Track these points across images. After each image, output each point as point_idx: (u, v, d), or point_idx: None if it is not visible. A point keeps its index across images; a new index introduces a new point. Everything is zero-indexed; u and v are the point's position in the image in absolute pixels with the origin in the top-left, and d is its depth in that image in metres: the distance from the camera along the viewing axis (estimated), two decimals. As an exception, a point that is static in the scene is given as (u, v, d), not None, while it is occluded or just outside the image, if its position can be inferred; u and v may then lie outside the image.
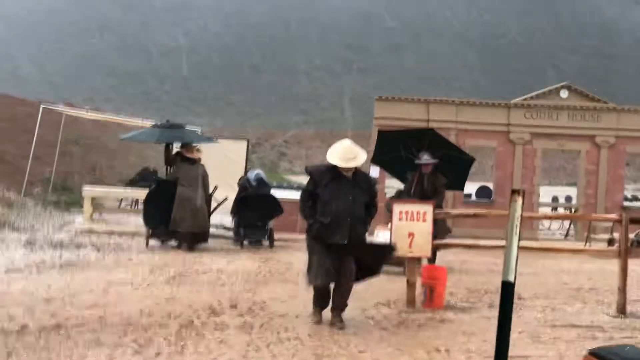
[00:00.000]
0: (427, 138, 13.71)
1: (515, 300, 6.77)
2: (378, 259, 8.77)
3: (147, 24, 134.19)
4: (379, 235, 12.48)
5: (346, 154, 8.23)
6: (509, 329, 4.06)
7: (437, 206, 12.07)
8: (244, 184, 17.06)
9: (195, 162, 15.61)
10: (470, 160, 14.36)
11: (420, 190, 13.10)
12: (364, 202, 8.46)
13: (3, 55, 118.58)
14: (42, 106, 23.07)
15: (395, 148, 14.05)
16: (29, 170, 21.42)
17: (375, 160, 15.12)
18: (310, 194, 8.47)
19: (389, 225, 10.51)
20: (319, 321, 8.46)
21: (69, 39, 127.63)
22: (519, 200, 3.94)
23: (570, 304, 10.49)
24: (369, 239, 9.34)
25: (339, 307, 8.45)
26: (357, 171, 8.42)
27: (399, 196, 13.89)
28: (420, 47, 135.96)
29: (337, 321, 8.33)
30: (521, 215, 3.95)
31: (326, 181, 8.29)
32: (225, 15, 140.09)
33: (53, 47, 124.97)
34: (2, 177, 22.77)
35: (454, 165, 13.77)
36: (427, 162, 13.14)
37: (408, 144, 13.75)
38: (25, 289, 9.84)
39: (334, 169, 8.31)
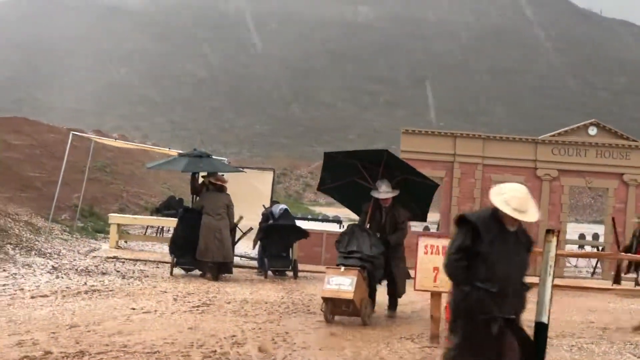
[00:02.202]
0: (382, 161, 11.74)
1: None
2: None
3: (176, 54, 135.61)
4: (331, 282, 10.43)
5: (523, 203, 5.89)
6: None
7: (397, 244, 11.61)
8: (267, 214, 17.06)
9: (220, 190, 15.65)
10: (434, 187, 12.45)
11: (377, 226, 11.51)
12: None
13: (34, 82, 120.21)
14: (71, 133, 23.32)
15: (346, 173, 12.35)
16: (57, 196, 21.59)
17: (321, 187, 13.08)
18: (465, 251, 5.97)
19: (342, 269, 10.51)
20: None
21: (99, 67, 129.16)
22: (554, 240, 3.89)
23: (597, 343, 10.35)
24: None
25: None
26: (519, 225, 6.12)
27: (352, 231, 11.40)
28: (447, 81, 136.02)
29: None
30: (556, 255, 3.89)
31: (492, 236, 5.94)
32: (254, 46, 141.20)
33: (83, 75, 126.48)
34: (31, 202, 22.97)
35: (415, 193, 12.10)
36: (384, 196, 11.45)
37: (360, 169, 12.02)
38: (50, 315, 9.87)
39: (499, 220, 5.99)
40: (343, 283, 10.20)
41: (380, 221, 11.48)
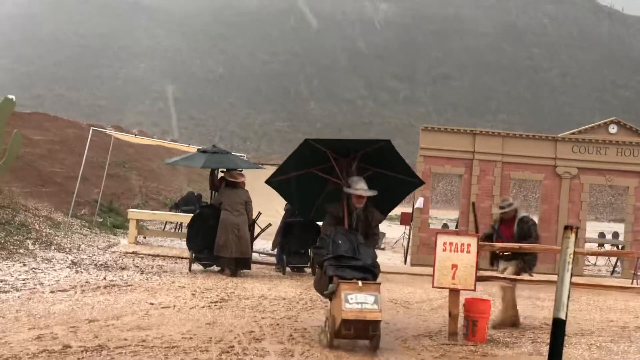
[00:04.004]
0: (359, 153, 9.82)
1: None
2: None
3: (196, 50, 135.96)
4: (351, 300, 8.55)
5: None
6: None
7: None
8: (291, 208, 16.98)
9: (238, 186, 15.67)
10: (416, 185, 10.87)
11: (348, 229, 9.51)
12: None
13: (54, 78, 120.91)
14: (91, 129, 23.44)
15: (307, 163, 10.24)
16: (76, 191, 21.70)
17: (271, 179, 10.71)
18: None
19: (360, 284, 8.55)
20: None
21: (118, 63, 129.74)
22: (572, 236, 3.87)
23: (616, 342, 10.29)
24: None
25: None
26: None
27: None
28: (467, 78, 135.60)
29: None
30: (575, 253, 3.87)
31: None
32: (272, 42, 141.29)
33: (103, 71, 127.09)
34: (51, 197, 23.10)
35: (386, 189, 10.15)
36: (364, 193, 9.49)
37: (331, 160, 9.87)
38: (69, 310, 9.94)
39: None
40: (366, 301, 8.54)
41: (352, 224, 9.57)
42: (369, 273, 8.99)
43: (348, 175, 9.72)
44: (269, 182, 10.73)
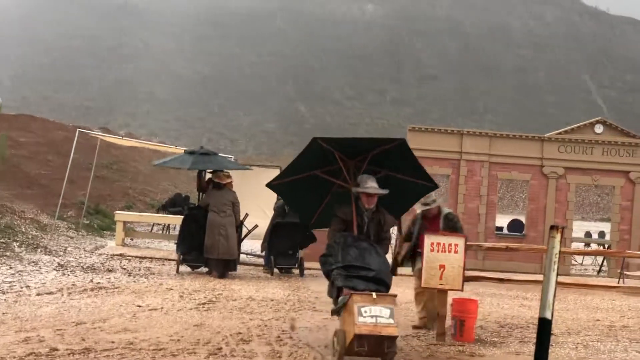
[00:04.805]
0: (370, 153, 8.96)
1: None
2: None
3: (183, 51, 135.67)
4: (364, 313, 7.77)
5: None
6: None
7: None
8: (281, 206, 16.93)
9: (225, 187, 15.62)
10: (430, 189, 9.87)
11: (358, 234, 8.69)
12: None
13: (40, 80, 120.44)
14: (78, 130, 23.37)
15: (312, 165, 9.34)
16: (63, 193, 21.65)
17: (272, 182, 9.88)
18: None
19: (374, 296, 7.84)
20: None
21: (105, 64, 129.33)
22: (558, 236, 3.88)
23: (603, 341, 10.34)
24: None
25: None
26: None
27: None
28: (454, 78, 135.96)
29: None
30: (560, 252, 3.90)
31: None
32: (260, 44, 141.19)
33: (90, 72, 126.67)
34: (37, 199, 23.03)
35: (398, 192, 9.32)
36: (374, 191, 8.65)
37: (339, 161, 8.98)
38: (56, 312, 9.90)
39: None
40: (381, 314, 7.73)
41: (362, 228, 8.74)
42: (382, 284, 8.28)
43: (356, 177, 8.86)
44: (269, 185, 9.88)
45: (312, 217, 10.02)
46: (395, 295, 8.09)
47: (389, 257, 9.68)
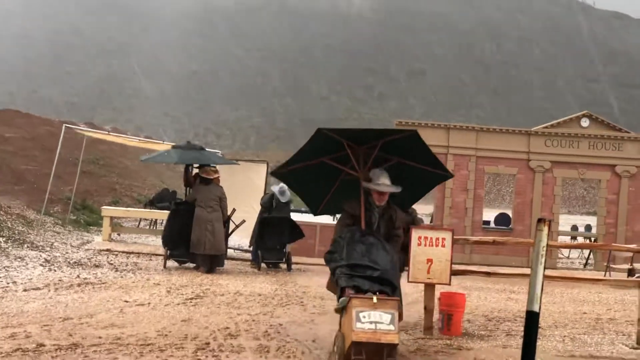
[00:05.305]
0: (380, 142, 8.45)
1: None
2: None
3: (169, 47, 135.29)
4: (363, 319, 7.27)
5: None
6: (533, 358, 4.00)
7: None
8: (268, 200, 16.92)
9: (211, 182, 15.58)
10: (444, 178, 9.59)
11: (367, 230, 8.20)
12: None
13: (26, 75, 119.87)
14: (64, 126, 23.26)
15: (318, 153, 8.79)
16: (49, 189, 21.54)
17: (279, 170, 9.29)
18: None
19: (374, 300, 7.30)
20: None
21: (91, 60, 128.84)
22: (545, 229, 3.89)
23: (590, 334, 10.38)
24: None
25: None
26: None
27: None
28: (441, 73, 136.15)
29: None
30: (548, 246, 3.90)
31: None
32: (247, 39, 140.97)
33: (76, 68, 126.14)
34: (23, 195, 22.92)
35: (409, 181, 8.77)
36: (387, 189, 8.20)
37: (347, 149, 8.44)
38: (43, 308, 9.86)
39: None
40: (381, 320, 7.22)
41: (372, 225, 8.30)
42: (388, 285, 7.71)
43: (366, 164, 8.40)
44: (274, 173, 9.49)
45: (319, 205, 9.63)
46: (398, 299, 7.56)
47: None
